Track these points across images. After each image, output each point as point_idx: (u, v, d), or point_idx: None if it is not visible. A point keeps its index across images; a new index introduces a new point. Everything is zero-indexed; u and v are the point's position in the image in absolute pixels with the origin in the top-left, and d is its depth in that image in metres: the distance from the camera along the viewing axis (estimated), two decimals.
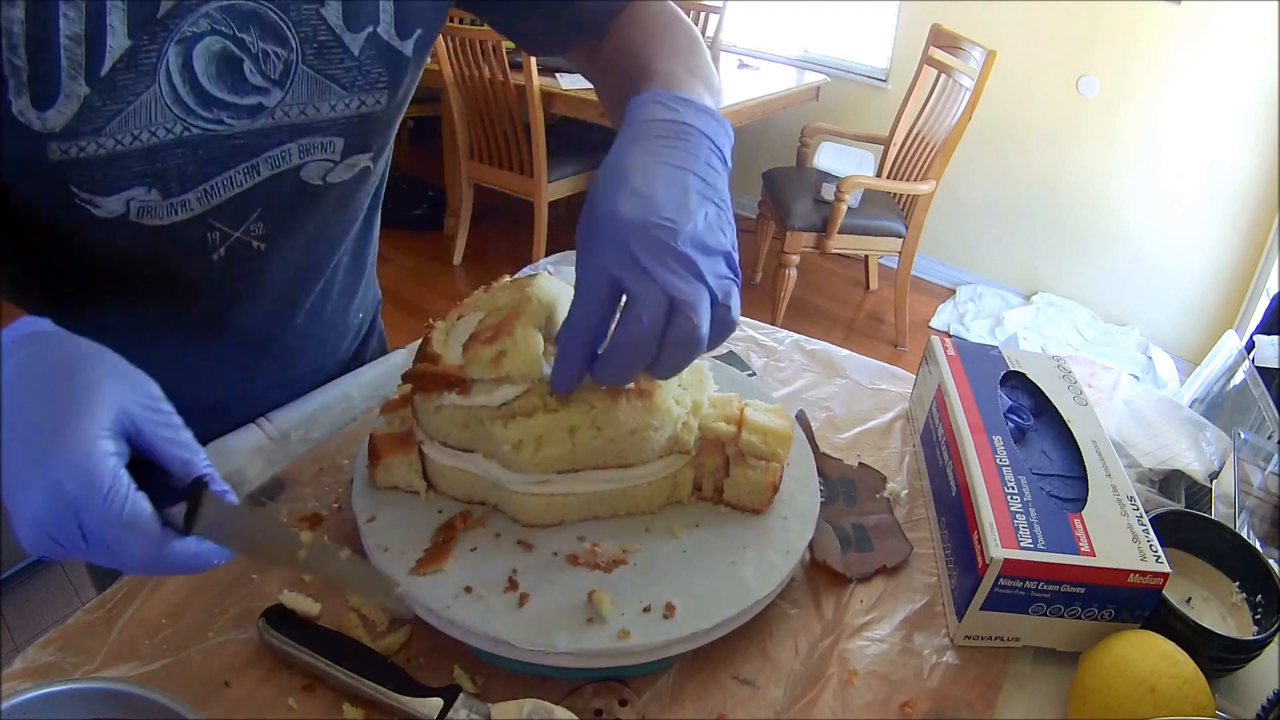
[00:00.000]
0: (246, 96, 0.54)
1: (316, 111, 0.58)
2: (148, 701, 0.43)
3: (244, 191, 0.58)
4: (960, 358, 0.73)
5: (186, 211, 0.56)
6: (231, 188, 0.57)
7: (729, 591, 0.53)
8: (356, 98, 0.59)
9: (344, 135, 0.60)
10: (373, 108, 0.60)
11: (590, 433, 0.54)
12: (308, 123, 0.58)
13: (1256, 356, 1.46)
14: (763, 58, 3.62)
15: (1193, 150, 2.91)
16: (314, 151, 0.60)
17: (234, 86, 0.53)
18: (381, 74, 0.60)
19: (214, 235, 0.59)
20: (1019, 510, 0.56)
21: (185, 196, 0.55)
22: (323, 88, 0.57)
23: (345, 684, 0.48)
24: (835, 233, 2.74)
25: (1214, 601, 0.59)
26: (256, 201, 0.59)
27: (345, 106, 0.59)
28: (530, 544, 0.56)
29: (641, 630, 0.50)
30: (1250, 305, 2.83)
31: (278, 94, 0.55)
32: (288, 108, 0.56)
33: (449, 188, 3.44)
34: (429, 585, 0.52)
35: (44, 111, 0.47)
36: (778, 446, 0.58)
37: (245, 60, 0.53)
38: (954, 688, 0.54)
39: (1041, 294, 3.36)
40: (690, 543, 0.57)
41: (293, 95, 0.56)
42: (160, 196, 0.54)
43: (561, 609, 0.51)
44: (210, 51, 0.51)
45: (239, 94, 0.53)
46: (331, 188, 0.63)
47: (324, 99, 0.58)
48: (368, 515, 0.57)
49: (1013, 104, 3.14)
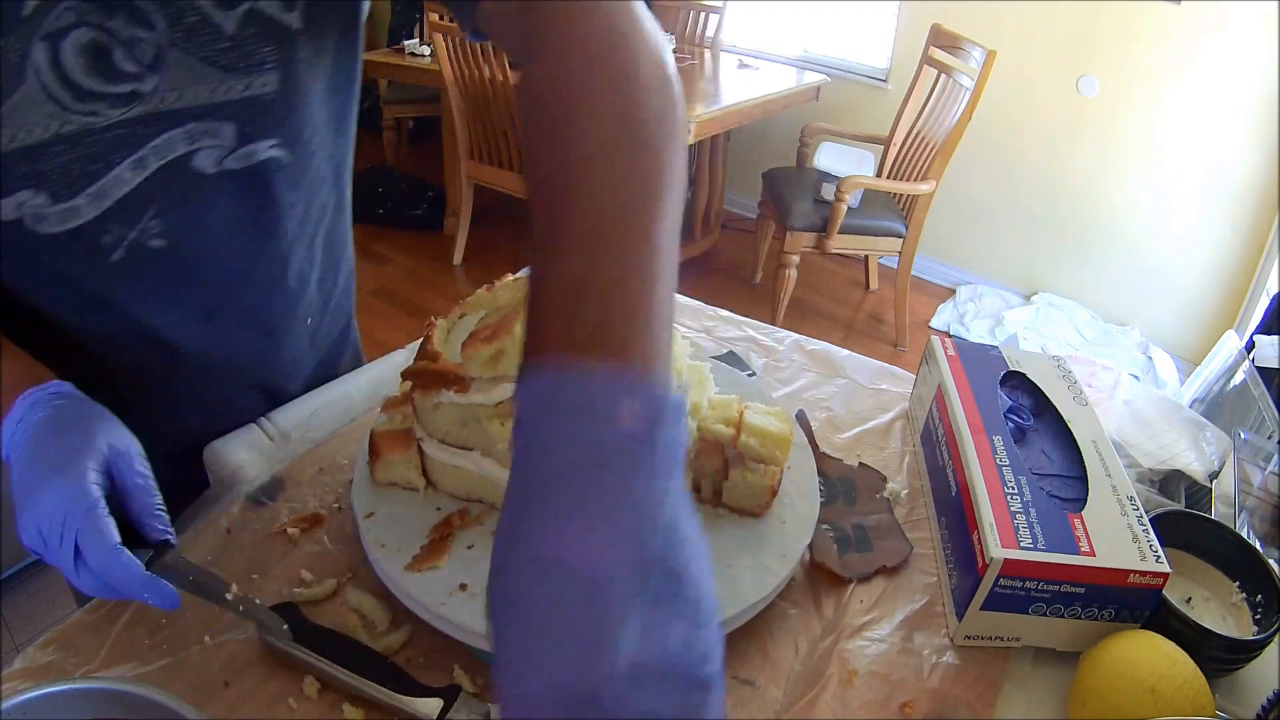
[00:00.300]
0: (119, 85, 0.52)
1: (195, 96, 0.55)
2: (148, 701, 0.43)
3: (135, 188, 0.55)
4: (960, 358, 0.73)
5: (78, 217, 0.54)
6: (121, 185, 0.55)
7: (724, 595, 0.53)
8: (240, 80, 0.56)
9: (234, 121, 0.57)
10: (261, 90, 0.57)
11: None
12: (188, 108, 0.55)
13: (1256, 356, 1.46)
14: (763, 58, 3.62)
15: (1193, 150, 2.91)
16: (201, 139, 0.57)
17: (106, 76, 0.51)
18: (269, 53, 0.56)
19: (108, 238, 0.56)
20: (1019, 510, 0.56)
21: (75, 201, 0.53)
22: (198, 71, 0.54)
23: (345, 684, 0.49)
24: (835, 233, 2.74)
25: (1214, 601, 0.59)
26: (149, 198, 0.57)
27: (228, 90, 0.56)
28: None
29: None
30: (1250, 305, 2.83)
31: (152, 80, 0.53)
32: (164, 94, 0.53)
33: (449, 188, 3.44)
34: (425, 582, 0.52)
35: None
36: (776, 450, 0.58)
37: (115, 48, 0.51)
38: (954, 688, 0.54)
39: (1041, 294, 3.36)
40: None
41: (168, 80, 0.53)
42: (49, 200, 0.52)
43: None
44: (78, 44, 0.49)
45: (112, 83, 0.51)
46: (229, 176, 0.59)
47: (202, 83, 0.54)
48: (366, 511, 0.57)
49: (1013, 104, 3.14)
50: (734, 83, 3.24)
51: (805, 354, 0.88)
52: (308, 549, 0.60)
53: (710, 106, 2.88)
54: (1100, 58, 2.97)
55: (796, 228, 2.77)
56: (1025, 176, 3.28)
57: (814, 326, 3.11)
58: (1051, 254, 3.32)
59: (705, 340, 0.89)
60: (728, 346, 0.87)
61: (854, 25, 3.60)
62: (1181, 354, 3.04)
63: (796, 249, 2.81)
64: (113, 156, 0.54)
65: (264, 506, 0.64)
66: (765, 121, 3.37)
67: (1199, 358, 2.64)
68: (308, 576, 0.57)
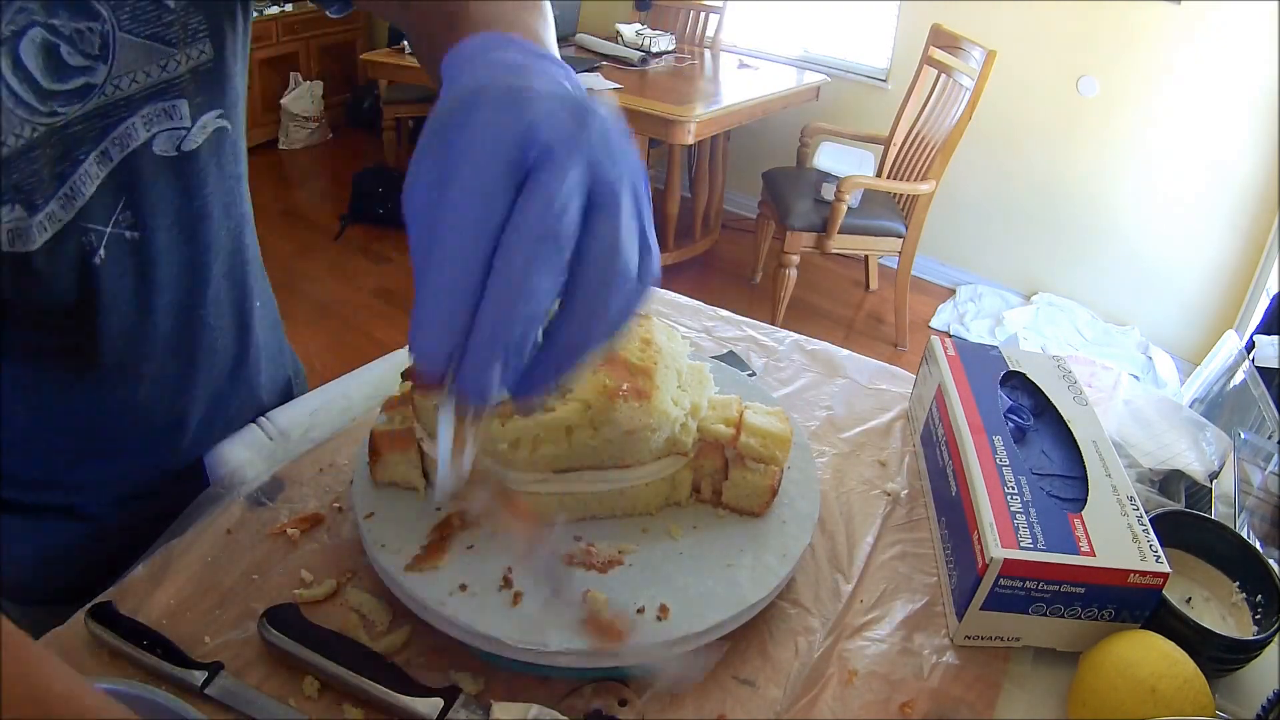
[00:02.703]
0: (72, 80, 0.52)
1: (147, 77, 0.55)
2: (148, 701, 0.43)
3: (102, 182, 0.56)
4: (960, 358, 0.73)
5: (55, 223, 0.54)
6: (90, 182, 0.55)
7: (724, 594, 0.53)
8: (182, 52, 0.57)
9: (184, 96, 0.58)
10: (200, 59, 0.58)
11: (587, 432, 0.54)
12: (141, 91, 0.55)
13: (1256, 356, 1.46)
14: (763, 58, 3.62)
15: (1193, 150, 2.91)
16: (159, 120, 0.58)
17: (58, 73, 0.51)
18: (202, 22, 0.57)
19: (89, 238, 0.57)
20: (1019, 510, 0.56)
21: (50, 207, 0.53)
22: (147, 50, 0.55)
23: (345, 684, 0.49)
24: (835, 233, 2.74)
25: (1214, 601, 0.59)
26: (118, 189, 0.57)
27: (175, 65, 0.57)
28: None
29: (634, 632, 0.50)
30: (1250, 305, 2.83)
31: (102, 69, 0.53)
32: (117, 80, 0.54)
33: None
34: (424, 582, 0.52)
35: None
36: (776, 450, 0.58)
37: (60, 44, 0.50)
38: (954, 688, 0.54)
39: (1041, 294, 3.36)
40: (687, 545, 0.57)
41: (118, 66, 0.53)
42: (25, 213, 0.52)
43: (555, 608, 0.51)
44: (34, 44, 0.49)
45: (64, 79, 0.51)
46: (190, 156, 0.61)
47: (150, 61, 0.55)
48: (366, 511, 0.57)
49: (1013, 104, 3.14)
50: (734, 83, 3.24)
51: (805, 354, 0.88)
52: (308, 549, 0.60)
53: (710, 106, 2.88)
54: (1100, 58, 2.98)
55: (796, 228, 2.78)
56: (1025, 176, 3.28)
57: (814, 326, 3.11)
58: (1051, 254, 3.32)
59: (705, 340, 0.89)
60: (728, 346, 0.87)
61: (854, 25, 3.60)
62: (1181, 354, 3.05)
63: (796, 249, 2.81)
64: (77, 152, 0.54)
65: (264, 507, 0.64)
66: (765, 121, 3.37)
67: (1199, 358, 2.64)
68: (308, 576, 0.57)
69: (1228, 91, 2.78)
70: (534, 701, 0.48)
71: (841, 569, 0.62)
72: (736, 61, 3.50)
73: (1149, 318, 3.16)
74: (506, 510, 0.46)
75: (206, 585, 0.56)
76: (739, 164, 3.77)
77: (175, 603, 0.55)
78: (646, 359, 0.55)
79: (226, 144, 0.64)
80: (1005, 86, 2.97)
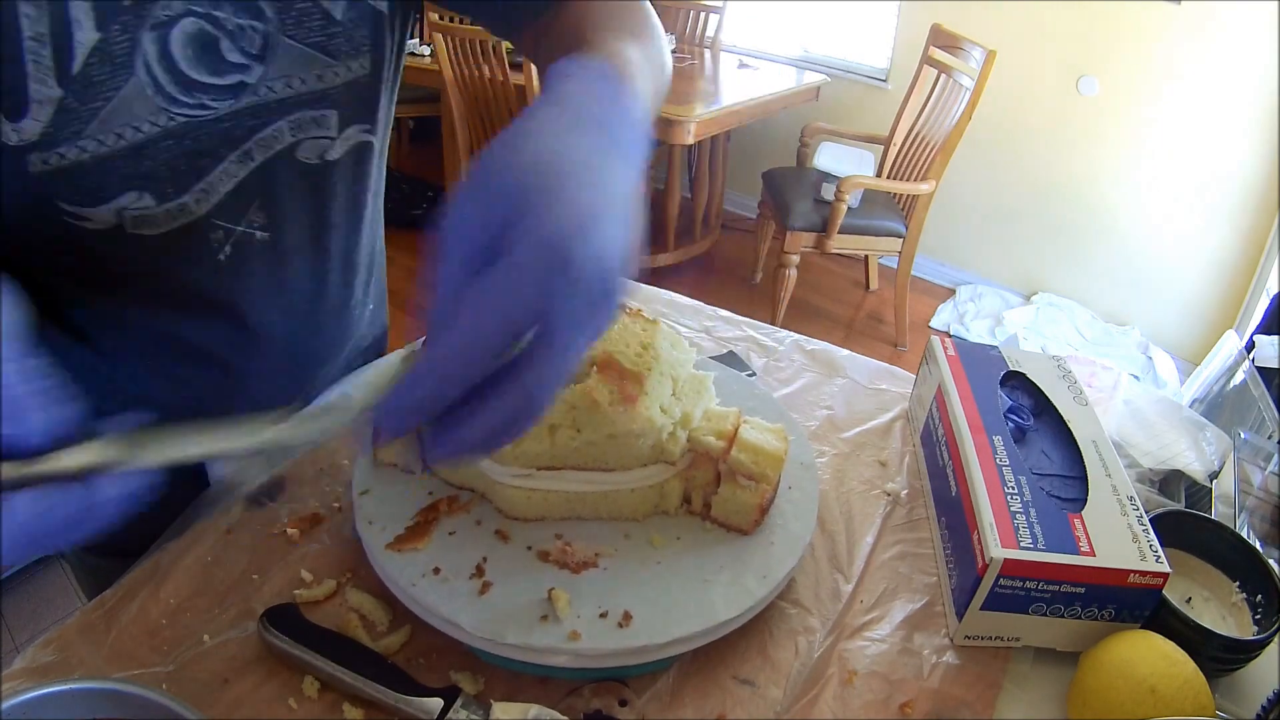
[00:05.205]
0: (227, 76, 0.52)
1: (302, 84, 0.55)
2: (148, 701, 0.43)
3: (241, 181, 0.56)
4: (960, 358, 0.73)
5: (185, 215, 0.54)
6: (228, 180, 0.55)
7: (693, 609, 0.51)
8: (343, 64, 0.57)
9: (335, 107, 0.58)
10: (358, 73, 0.58)
11: (570, 433, 0.53)
12: (294, 96, 0.55)
13: (1256, 356, 1.46)
14: (763, 58, 3.62)
15: (1193, 150, 2.91)
16: (307, 128, 0.58)
17: (213, 67, 0.51)
18: (365, 37, 0.57)
19: (217, 234, 0.57)
20: (1019, 510, 0.56)
21: (183, 200, 0.53)
22: (307, 57, 0.55)
23: (345, 684, 0.49)
24: (835, 233, 2.74)
25: (1214, 601, 0.59)
26: (254, 190, 0.57)
27: (334, 76, 0.57)
28: (507, 535, 0.56)
29: (592, 634, 0.49)
30: (1250, 305, 2.83)
31: (259, 69, 0.53)
32: (271, 82, 0.54)
33: (449, 188, 3.44)
34: (401, 562, 0.53)
35: (17, 122, 0.45)
36: (768, 468, 0.56)
37: (221, 38, 0.50)
38: (954, 688, 0.54)
39: (1041, 294, 3.36)
40: (667, 555, 0.56)
41: (275, 69, 0.53)
42: (155, 202, 0.52)
43: (519, 602, 0.51)
44: (187, 34, 0.49)
45: (219, 74, 0.51)
46: (330, 166, 0.61)
47: (308, 69, 0.55)
48: (362, 488, 0.58)
49: (1013, 104, 3.14)
50: (734, 83, 3.24)
51: (805, 354, 0.88)
52: (308, 549, 0.60)
53: (710, 106, 2.88)
54: (1100, 58, 2.98)
55: (796, 228, 2.78)
56: (1025, 176, 3.28)
57: (814, 326, 3.12)
58: (1051, 254, 3.32)
59: (705, 340, 0.89)
60: (728, 346, 0.87)
61: (854, 25, 3.60)
62: (1181, 354, 3.05)
63: (796, 249, 2.81)
64: (220, 149, 0.53)
65: (264, 507, 0.64)
66: (765, 121, 3.37)
67: (1199, 358, 2.64)
68: (308, 576, 0.57)
69: (1228, 91, 2.78)
70: (534, 701, 0.48)
71: (841, 569, 0.62)
72: (736, 61, 3.50)
73: (1149, 318, 3.16)
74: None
75: (206, 585, 0.56)
76: (739, 164, 3.77)
77: (175, 602, 0.55)
78: (641, 364, 0.54)
79: (367, 158, 0.65)
80: (1005, 86, 2.97)
